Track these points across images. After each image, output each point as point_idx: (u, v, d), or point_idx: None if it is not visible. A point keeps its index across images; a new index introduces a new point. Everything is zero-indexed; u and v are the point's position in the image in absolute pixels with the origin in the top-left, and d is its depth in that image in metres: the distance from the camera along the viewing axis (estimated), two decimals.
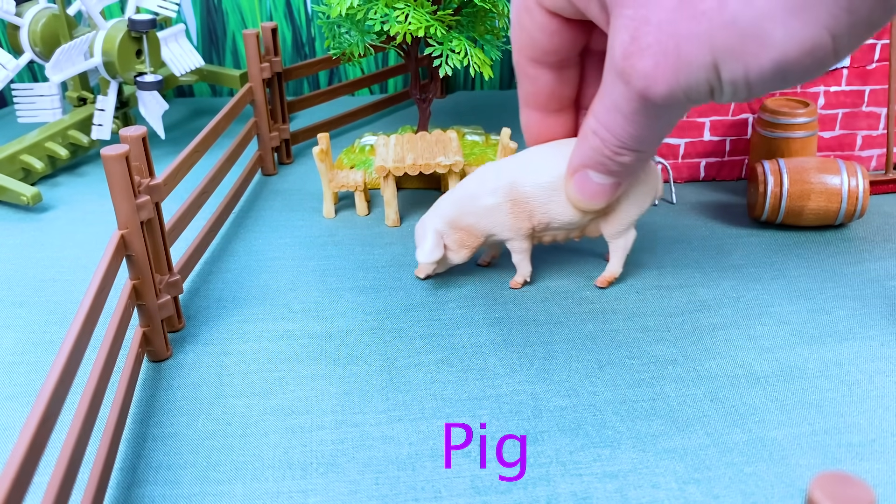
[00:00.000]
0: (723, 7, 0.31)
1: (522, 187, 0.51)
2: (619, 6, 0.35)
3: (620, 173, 0.45)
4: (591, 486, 0.38)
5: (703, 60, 0.33)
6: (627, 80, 0.36)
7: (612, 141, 0.41)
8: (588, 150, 0.43)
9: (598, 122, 0.41)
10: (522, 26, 0.43)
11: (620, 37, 0.35)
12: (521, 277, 0.55)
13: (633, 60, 0.35)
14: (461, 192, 0.52)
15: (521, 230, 0.52)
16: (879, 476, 0.38)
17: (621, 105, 0.38)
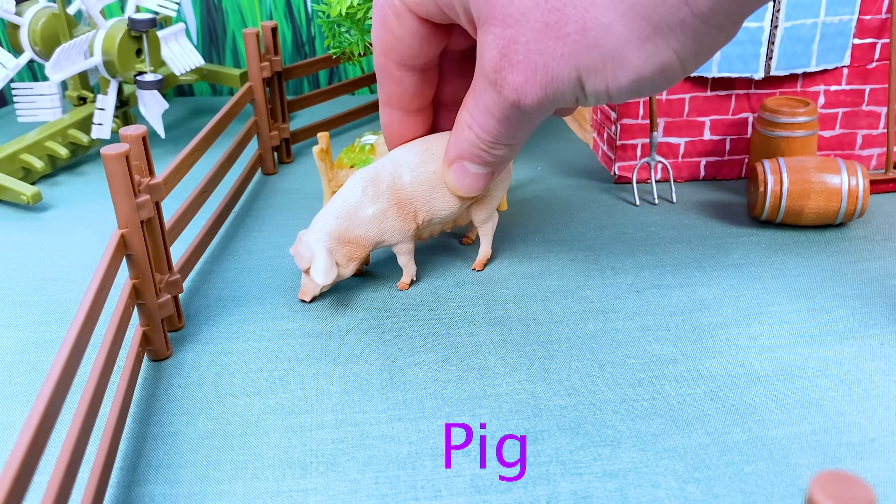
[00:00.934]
0: (586, 31, 0.34)
1: (404, 189, 0.52)
2: (488, 24, 0.37)
3: (495, 164, 0.47)
4: (591, 485, 0.38)
5: (569, 76, 0.36)
6: (499, 91, 0.39)
7: (486, 138, 0.43)
8: (464, 143, 0.45)
9: (473, 119, 0.43)
10: (390, 30, 0.44)
11: (490, 51, 0.37)
12: (409, 277, 0.56)
13: (503, 74, 0.38)
14: (343, 206, 0.52)
15: (408, 231, 0.53)
16: (879, 475, 0.38)
17: (493, 109, 0.41)
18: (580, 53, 0.35)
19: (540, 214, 0.66)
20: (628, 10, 0.33)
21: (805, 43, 0.66)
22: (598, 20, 0.34)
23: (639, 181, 0.70)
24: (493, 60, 0.38)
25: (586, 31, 0.34)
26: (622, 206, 0.67)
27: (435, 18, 0.42)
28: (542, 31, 0.35)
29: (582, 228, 0.63)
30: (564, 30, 0.35)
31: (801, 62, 0.66)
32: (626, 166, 0.71)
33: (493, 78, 0.38)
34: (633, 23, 0.33)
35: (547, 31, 0.35)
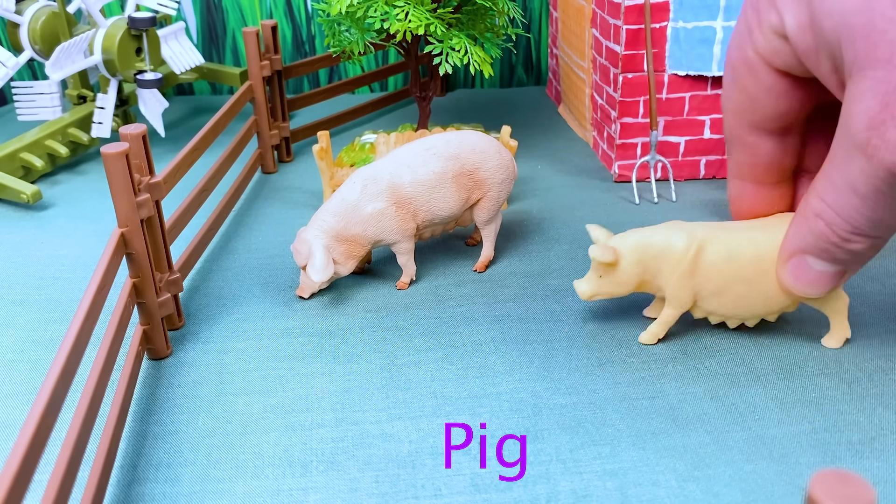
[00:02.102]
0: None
1: (403, 188, 0.52)
2: (867, 68, 0.30)
3: (848, 262, 0.38)
4: (591, 483, 0.38)
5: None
6: (872, 154, 0.31)
7: (843, 226, 0.35)
8: (809, 235, 0.37)
9: (825, 204, 0.35)
10: (742, 87, 0.38)
11: (865, 103, 0.30)
12: (408, 277, 0.55)
13: (882, 130, 0.30)
14: (341, 204, 0.52)
15: (407, 231, 0.53)
16: (879, 474, 0.38)
17: (859, 184, 0.32)
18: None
19: (540, 213, 0.66)
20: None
21: None
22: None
23: (639, 180, 0.70)
24: (867, 114, 0.30)
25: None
26: (622, 204, 0.67)
27: (795, 71, 0.36)
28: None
29: (582, 227, 0.63)
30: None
31: None
32: (626, 165, 0.71)
33: (865, 137, 0.31)
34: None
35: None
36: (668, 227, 0.45)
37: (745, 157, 0.41)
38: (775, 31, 0.35)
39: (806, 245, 0.38)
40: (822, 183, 0.35)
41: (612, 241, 0.46)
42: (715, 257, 0.44)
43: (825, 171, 0.35)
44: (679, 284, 0.45)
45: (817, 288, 0.40)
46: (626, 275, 0.45)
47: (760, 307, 0.45)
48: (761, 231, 0.44)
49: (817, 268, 0.39)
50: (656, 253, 0.45)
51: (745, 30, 0.37)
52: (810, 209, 0.37)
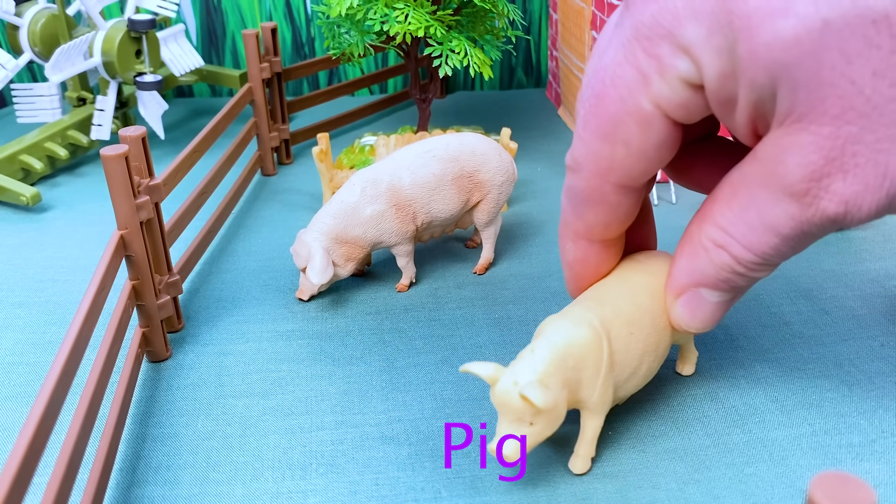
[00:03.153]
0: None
1: (403, 190, 0.52)
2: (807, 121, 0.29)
3: (743, 290, 0.37)
4: (590, 486, 0.38)
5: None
6: (810, 203, 0.30)
7: (750, 258, 0.34)
8: (708, 268, 0.35)
9: (730, 237, 0.34)
10: (624, 143, 0.34)
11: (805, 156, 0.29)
12: (408, 280, 0.55)
13: (827, 183, 0.29)
14: (341, 206, 0.52)
15: (406, 233, 0.53)
16: (880, 476, 0.38)
17: (783, 227, 0.32)
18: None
19: (540, 215, 0.66)
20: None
21: None
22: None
23: None
24: (808, 167, 0.29)
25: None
26: None
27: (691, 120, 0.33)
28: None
29: None
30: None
31: None
32: None
33: (802, 188, 0.30)
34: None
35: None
36: (561, 326, 0.37)
37: (603, 218, 0.37)
38: (685, 80, 0.31)
39: (703, 277, 0.36)
40: (726, 218, 0.34)
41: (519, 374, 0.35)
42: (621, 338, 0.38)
43: (730, 207, 0.34)
44: (605, 386, 0.37)
45: (712, 320, 0.38)
46: (560, 406, 0.36)
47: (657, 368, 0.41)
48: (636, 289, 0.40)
49: (713, 300, 0.37)
50: (575, 363, 0.36)
51: (636, 79, 0.32)
52: (709, 241, 0.35)
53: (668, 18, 0.31)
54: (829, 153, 0.29)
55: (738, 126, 0.32)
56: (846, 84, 0.28)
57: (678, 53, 0.31)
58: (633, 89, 0.32)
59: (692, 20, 0.30)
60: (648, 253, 0.43)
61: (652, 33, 0.31)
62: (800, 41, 0.28)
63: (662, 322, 0.40)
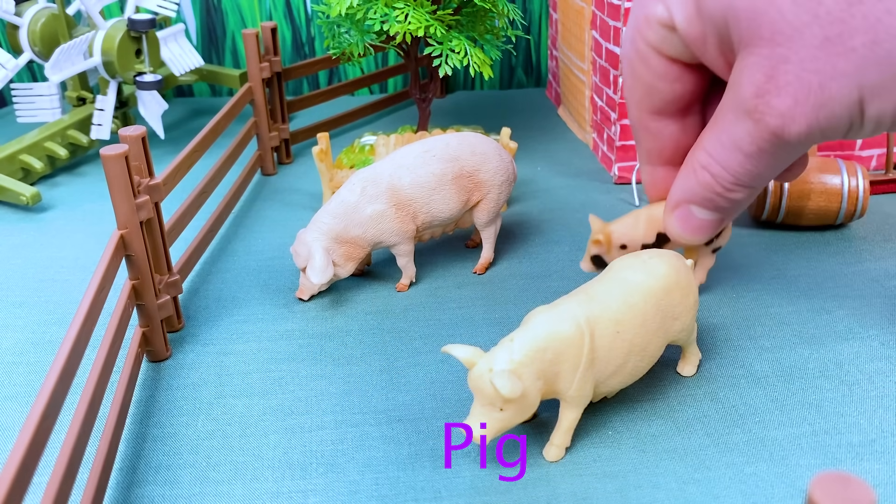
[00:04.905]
0: (876, 44, 0.30)
1: (403, 190, 0.52)
2: (752, 45, 0.34)
3: (727, 209, 0.41)
4: (590, 485, 0.38)
5: (849, 98, 0.32)
6: (759, 119, 0.35)
7: (727, 178, 0.39)
8: (695, 186, 0.41)
9: (712, 158, 0.39)
10: (638, 76, 0.41)
11: (752, 76, 0.34)
12: (408, 279, 0.55)
13: (768, 98, 0.34)
14: (341, 206, 0.52)
15: (406, 233, 0.53)
16: (880, 476, 0.38)
17: (744, 143, 0.36)
18: (867, 70, 0.31)
19: (540, 215, 0.66)
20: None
21: None
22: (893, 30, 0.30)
23: (639, 182, 0.70)
24: (754, 85, 0.34)
25: (877, 44, 0.30)
26: (622, 206, 0.67)
27: (684, 57, 0.39)
28: (820, 46, 0.31)
29: (582, 229, 0.63)
30: (849, 43, 0.31)
31: None
32: (626, 167, 0.71)
33: (752, 105, 0.35)
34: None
35: (826, 46, 0.31)
36: (545, 319, 0.38)
37: (653, 143, 0.44)
38: (663, 23, 0.38)
39: (692, 195, 0.41)
40: (709, 140, 0.39)
41: (495, 361, 0.37)
42: (606, 336, 0.39)
43: (712, 130, 0.39)
44: (583, 381, 0.39)
45: (699, 234, 0.43)
46: (531, 396, 0.37)
47: (646, 367, 0.42)
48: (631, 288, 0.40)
49: (700, 216, 0.42)
50: (553, 356, 0.37)
51: (634, 26, 0.40)
52: (697, 162, 0.40)
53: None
54: (768, 72, 0.34)
55: (714, 62, 0.37)
56: (774, 11, 0.32)
57: (657, 2, 0.38)
58: (633, 35, 0.40)
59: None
60: (652, 252, 0.43)
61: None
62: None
63: (654, 324, 0.40)
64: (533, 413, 0.38)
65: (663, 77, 0.40)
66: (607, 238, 0.48)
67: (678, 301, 0.41)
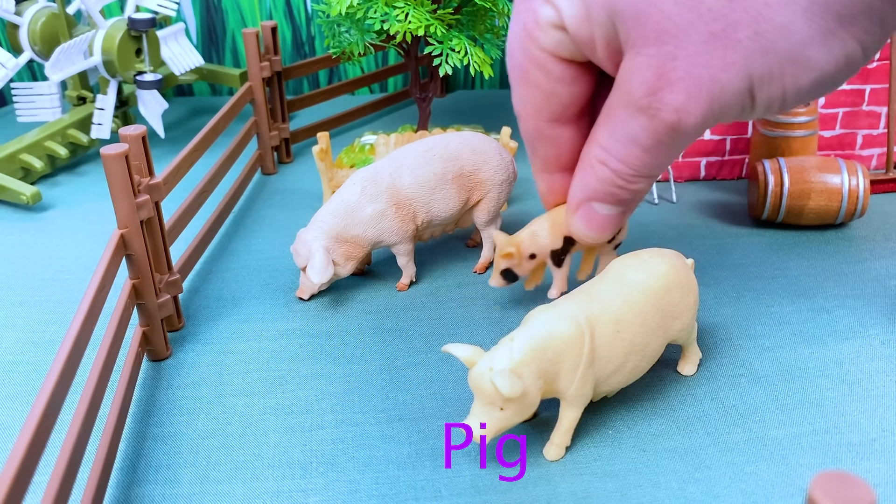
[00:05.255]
0: (759, 35, 0.32)
1: (403, 189, 0.52)
2: (639, 45, 0.34)
3: (630, 201, 0.42)
4: (591, 485, 0.38)
5: (739, 86, 0.33)
6: (654, 115, 0.36)
7: (627, 171, 0.39)
8: (595, 182, 0.41)
9: (609, 154, 0.39)
10: (535, 84, 0.40)
11: (642, 75, 0.35)
12: (408, 279, 0.55)
13: (661, 95, 0.35)
14: (341, 205, 0.52)
15: (406, 232, 0.53)
16: (880, 475, 0.38)
17: (641, 138, 0.37)
18: (753, 60, 0.32)
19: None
20: (809, 6, 0.30)
21: None
22: (774, 21, 0.31)
23: None
24: (645, 84, 0.35)
25: (760, 35, 0.31)
26: None
27: (578, 58, 0.38)
28: (707, 41, 0.32)
29: None
30: (734, 36, 0.32)
31: None
32: None
33: (646, 102, 0.35)
34: (814, 18, 0.31)
35: (712, 40, 0.32)
36: (545, 318, 0.39)
37: (551, 151, 0.43)
38: (554, 24, 0.37)
39: (593, 192, 0.41)
40: (603, 137, 0.39)
41: (495, 360, 0.37)
42: (606, 335, 0.39)
43: (605, 126, 0.39)
44: (583, 380, 0.39)
45: (605, 230, 0.43)
46: (531, 395, 0.37)
47: (647, 367, 0.42)
48: (631, 288, 0.40)
49: (604, 212, 0.42)
50: (553, 356, 0.38)
51: (523, 30, 0.38)
52: (594, 159, 0.40)
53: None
54: (658, 70, 0.34)
55: (603, 61, 0.37)
56: (657, 12, 0.33)
57: (545, 4, 0.37)
58: (523, 41, 0.39)
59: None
60: (652, 252, 0.43)
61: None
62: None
63: (654, 323, 0.40)
64: (533, 412, 0.38)
65: (562, 81, 0.39)
66: (518, 250, 0.47)
67: (678, 300, 0.41)
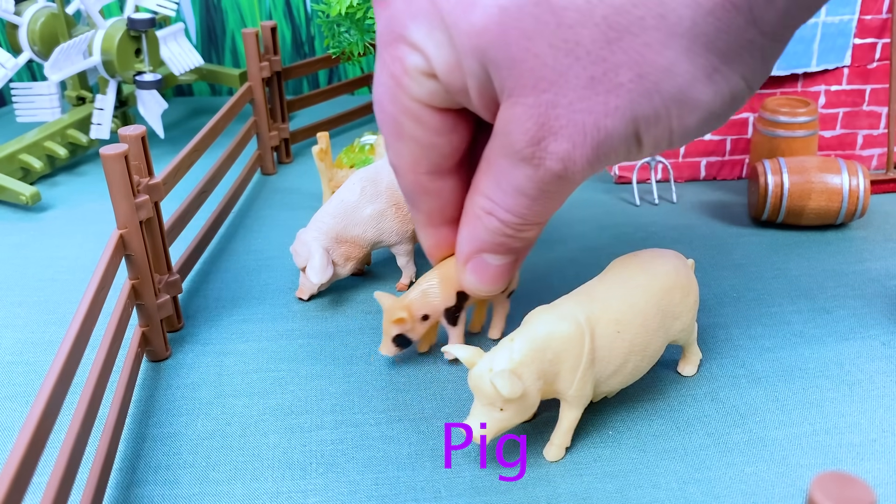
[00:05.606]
0: (642, 78, 0.30)
1: None
2: (516, 95, 0.32)
3: (521, 249, 0.41)
4: (591, 485, 0.38)
5: (625, 131, 0.32)
6: (538, 165, 0.34)
7: (515, 221, 0.38)
8: (484, 234, 0.39)
9: (496, 205, 0.37)
10: (410, 137, 0.37)
11: (522, 125, 0.33)
12: (408, 279, 0.55)
13: (544, 144, 0.33)
14: (340, 205, 0.52)
15: (406, 233, 0.53)
16: (880, 476, 0.38)
17: (527, 188, 0.36)
18: (637, 103, 0.31)
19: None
20: (691, 45, 0.29)
21: (805, 43, 0.65)
22: (657, 62, 0.30)
23: (639, 181, 0.70)
24: (527, 134, 0.33)
25: (643, 77, 0.30)
26: (623, 206, 0.67)
27: (453, 105, 0.36)
28: (587, 86, 0.31)
29: (582, 228, 0.63)
30: (616, 80, 0.30)
31: (801, 62, 0.66)
32: (626, 166, 0.70)
33: (529, 153, 0.34)
34: (697, 57, 0.30)
35: (593, 85, 0.31)
36: (545, 319, 0.38)
37: (435, 203, 0.41)
38: (424, 72, 0.34)
39: (482, 243, 0.40)
40: (487, 187, 0.37)
41: (495, 361, 0.37)
42: (606, 336, 0.39)
43: (487, 176, 0.37)
44: (583, 381, 0.38)
45: (498, 282, 0.42)
46: (531, 396, 0.37)
47: (647, 367, 0.42)
48: (632, 289, 0.40)
49: (495, 263, 0.41)
50: (553, 356, 0.37)
51: (391, 80, 0.36)
52: (481, 210, 0.38)
53: (397, 23, 0.34)
54: (539, 119, 0.33)
55: (478, 108, 0.35)
56: (532, 58, 0.31)
57: (412, 51, 0.34)
58: (394, 92, 0.36)
59: (413, 21, 0.34)
60: (652, 252, 0.43)
61: (390, 38, 0.35)
62: (488, 28, 0.31)
63: (654, 324, 0.40)
64: (533, 413, 0.38)
65: (440, 131, 0.37)
66: (410, 313, 0.45)
67: (679, 300, 0.41)
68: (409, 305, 0.44)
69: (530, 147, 0.34)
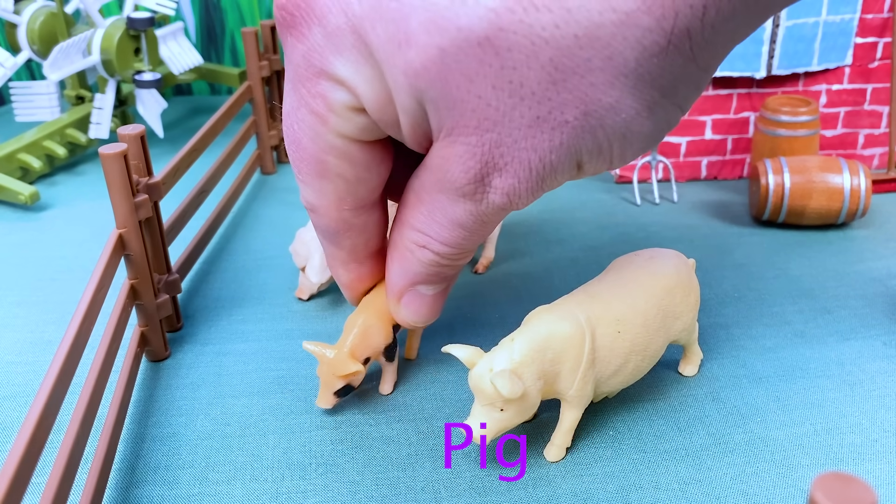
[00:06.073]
0: (588, 115, 0.31)
1: None
2: (455, 133, 0.32)
3: (453, 277, 0.41)
4: (591, 486, 0.38)
5: (569, 164, 0.33)
6: (481, 199, 0.34)
7: (451, 251, 0.38)
8: (417, 266, 0.39)
9: (429, 238, 0.37)
10: (337, 175, 0.36)
11: (464, 163, 0.33)
12: None
13: (488, 180, 0.33)
14: None
15: None
16: (881, 476, 0.38)
17: (467, 222, 0.36)
18: (582, 139, 0.32)
19: (540, 214, 0.66)
20: (636, 84, 0.30)
21: (807, 42, 0.65)
22: (602, 101, 0.30)
23: (640, 181, 0.70)
24: (468, 172, 0.33)
25: (588, 115, 0.31)
26: (623, 205, 0.67)
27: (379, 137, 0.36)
28: (532, 125, 0.31)
29: (583, 228, 0.63)
30: (561, 118, 0.31)
31: (802, 61, 0.66)
32: (627, 166, 0.70)
33: (470, 189, 0.34)
34: (641, 94, 0.30)
35: (538, 123, 0.31)
36: (546, 319, 0.38)
37: (359, 239, 0.40)
38: (351, 108, 0.34)
39: (416, 276, 0.39)
40: (420, 221, 0.37)
41: (495, 361, 0.37)
42: (607, 336, 0.39)
43: (419, 210, 0.37)
44: (584, 381, 0.38)
45: (434, 311, 0.42)
46: (532, 396, 0.37)
47: (648, 367, 0.41)
48: (632, 289, 0.40)
49: (430, 293, 0.41)
50: (553, 356, 0.37)
51: (313, 117, 0.35)
52: (412, 244, 0.38)
53: (317, 57, 0.33)
54: (482, 158, 0.33)
55: (410, 142, 0.35)
56: (474, 99, 0.31)
57: (337, 87, 0.33)
58: (316, 129, 0.35)
59: (337, 55, 0.32)
60: (653, 251, 0.43)
61: (308, 73, 0.33)
62: (427, 68, 0.30)
63: (655, 324, 0.40)
64: (533, 413, 0.38)
65: (368, 166, 0.37)
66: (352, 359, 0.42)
67: (679, 300, 0.41)
68: (353, 352, 0.42)
69: (473, 184, 0.34)
